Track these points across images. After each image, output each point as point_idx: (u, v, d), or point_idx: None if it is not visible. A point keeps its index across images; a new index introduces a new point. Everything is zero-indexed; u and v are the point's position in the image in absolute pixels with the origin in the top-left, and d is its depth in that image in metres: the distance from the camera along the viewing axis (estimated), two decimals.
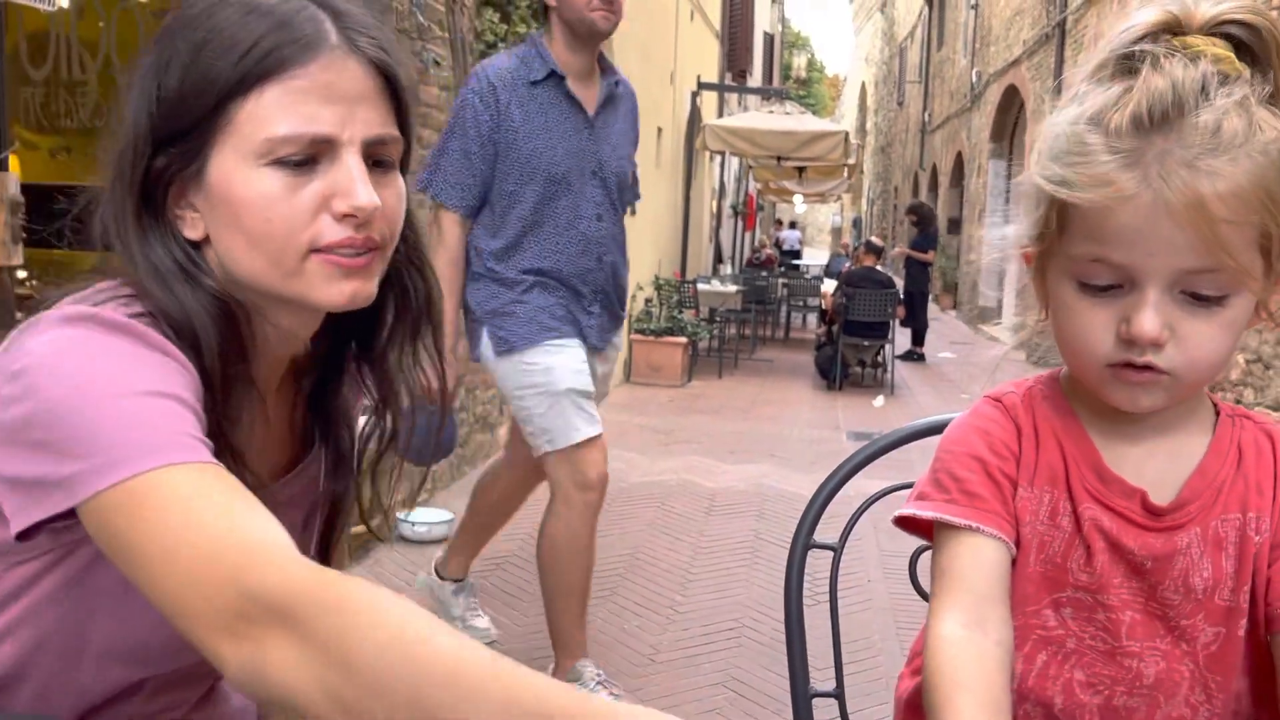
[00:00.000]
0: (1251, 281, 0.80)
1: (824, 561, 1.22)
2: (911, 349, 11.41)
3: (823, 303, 10.72)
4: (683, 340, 8.79)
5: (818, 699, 1.17)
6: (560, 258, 2.62)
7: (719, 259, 16.36)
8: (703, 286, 10.52)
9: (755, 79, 20.30)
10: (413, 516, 3.96)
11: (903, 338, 10.78)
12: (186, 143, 0.84)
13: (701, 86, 12.87)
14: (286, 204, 0.83)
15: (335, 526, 1.07)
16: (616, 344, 2.84)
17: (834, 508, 1.18)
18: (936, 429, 1.07)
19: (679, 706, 2.77)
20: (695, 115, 12.59)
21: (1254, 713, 0.91)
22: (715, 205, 15.96)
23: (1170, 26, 0.81)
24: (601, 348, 2.75)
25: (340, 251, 0.85)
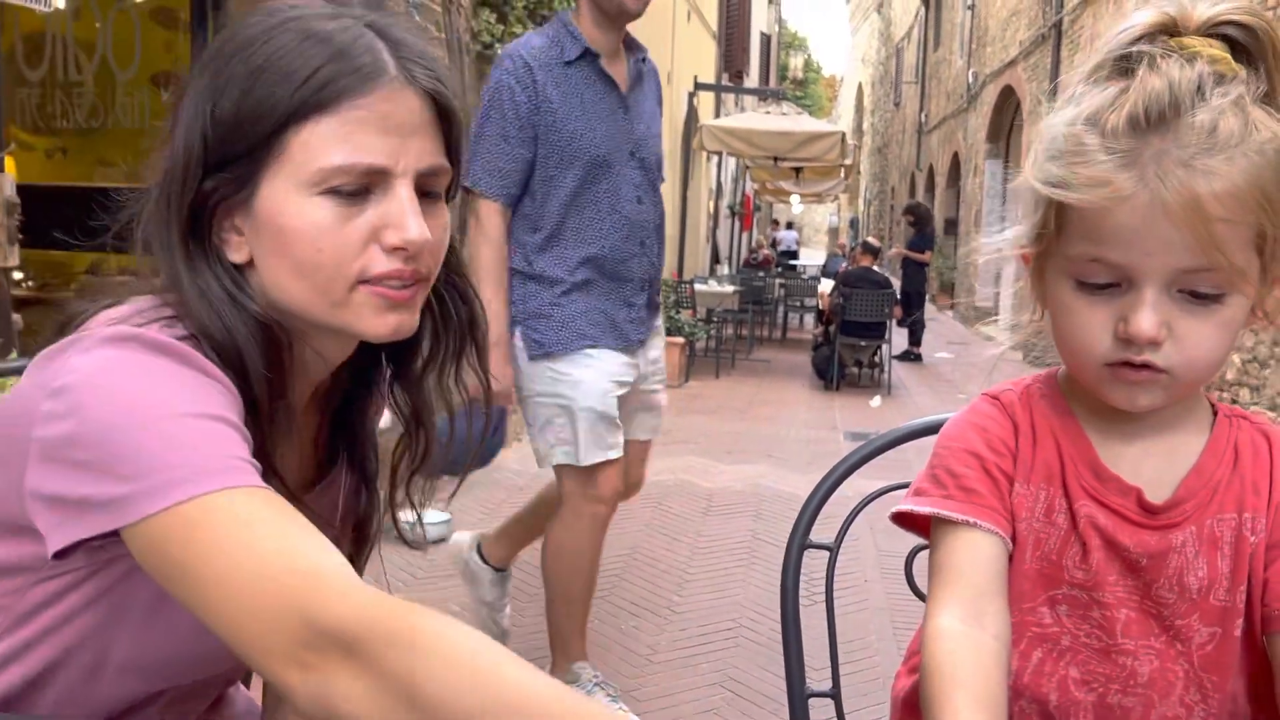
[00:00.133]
0: (1246, 283, 0.80)
1: (821, 561, 1.22)
2: (908, 349, 11.42)
3: (820, 303, 10.71)
4: (680, 340, 8.79)
5: (814, 699, 1.17)
6: (604, 243, 2.50)
7: (716, 259, 16.37)
8: (700, 287, 10.52)
9: (752, 79, 20.31)
10: (409, 517, 3.94)
11: (899, 338, 10.78)
12: (238, 168, 0.83)
13: (698, 87, 12.89)
14: (337, 234, 0.83)
15: (363, 547, 1.06)
16: (658, 327, 2.74)
17: (831, 508, 1.18)
18: (933, 429, 1.08)
19: (676, 706, 2.77)
20: (692, 115, 12.60)
21: (1251, 714, 0.92)
22: (712, 205, 15.97)
23: (1167, 27, 0.81)
24: (644, 340, 2.65)
25: (388, 283, 0.85)
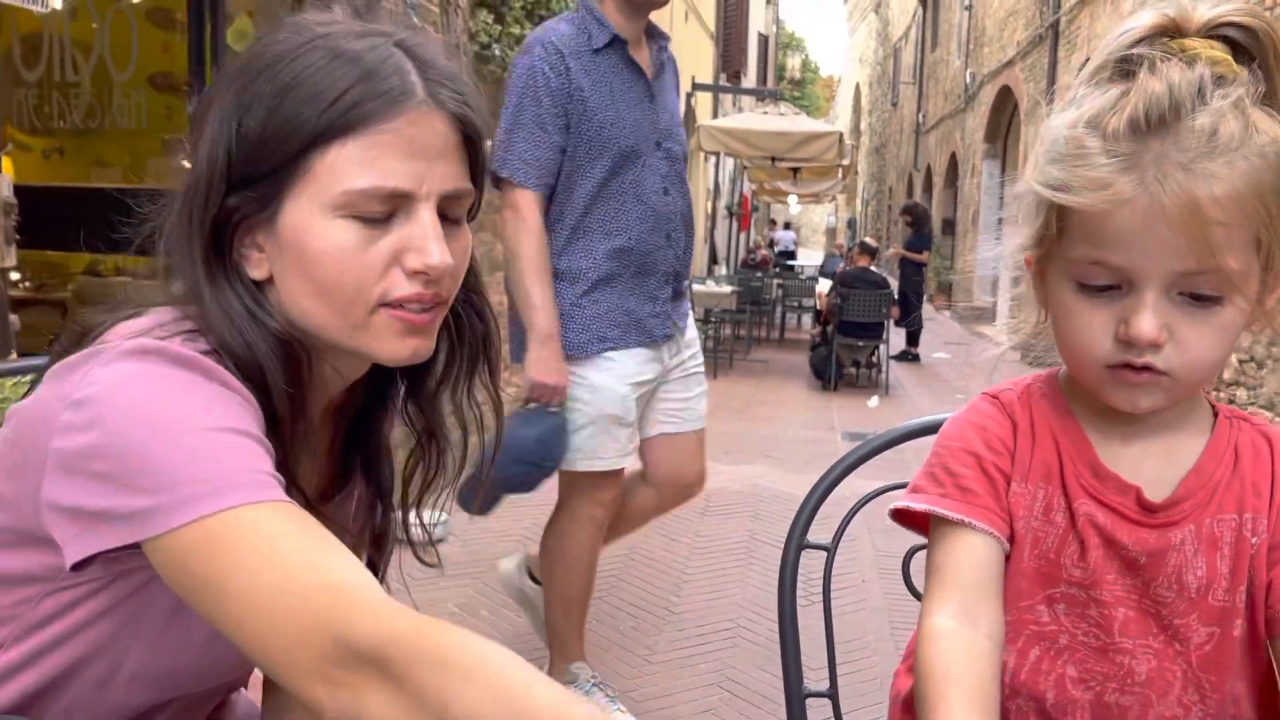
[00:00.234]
0: (1246, 285, 0.80)
1: (818, 561, 1.22)
2: (906, 349, 11.42)
3: (817, 303, 10.72)
4: None
5: (812, 699, 1.17)
6: (629, 235, 2.43)
7: (714, 260, 16.38)
8: (698, 287, 10.52)
9: (750, 80, 20.32)
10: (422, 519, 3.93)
11: (897, 338, 10.79)
12: (262, 187, 0.83)
13: (696, 87, 12.89)
14: (360, 257, 0.83)
15: (380, 560, 1.06)
16: (685, 311, 2.65)
17: (828, 508, 1.18)
18: (931, 429, 1.08)
19: (674, 707, 2.77)
20: (690, 116, 12.61)
21: (1250, 715, 0.92)
22: (710, 206, 15.98)
23: (1167, 29, 0.81)
24: (670, 334, 2.57)
25: (408, 306, 0.85)
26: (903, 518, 0.95)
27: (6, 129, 5.15)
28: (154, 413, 0.73)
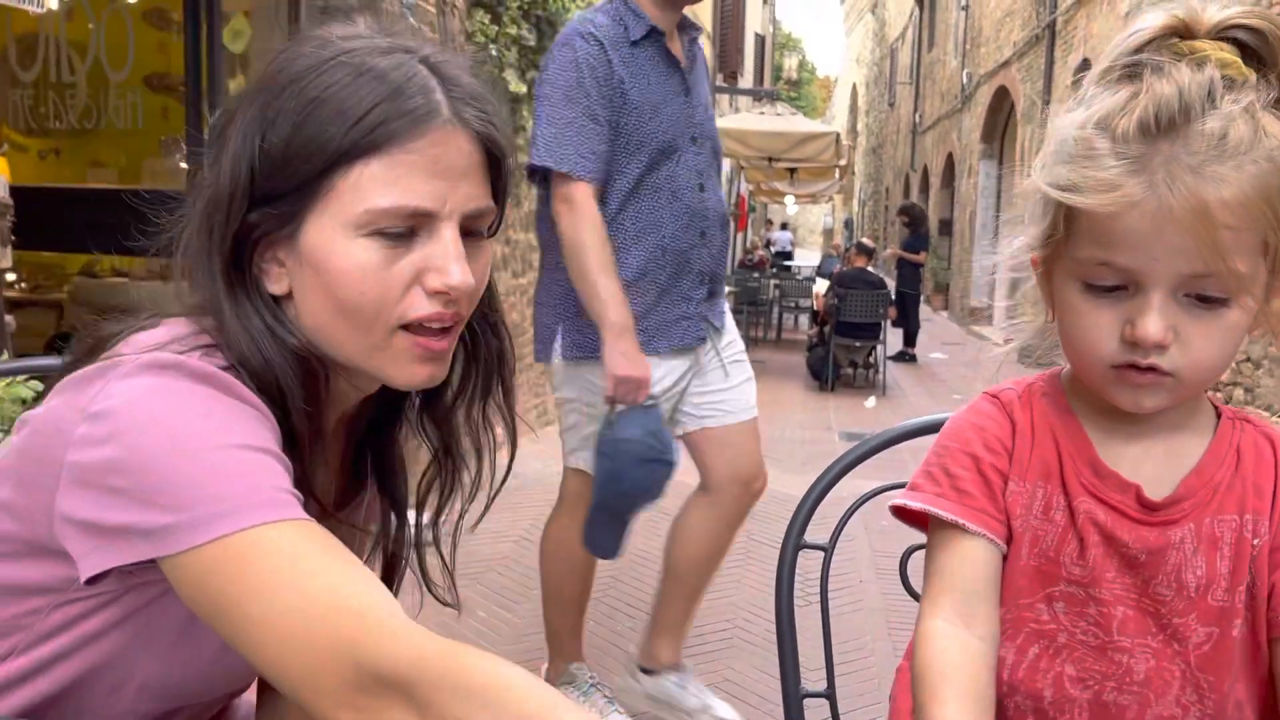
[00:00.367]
0: (1252, 287, 0.81)
1: (816, 562, 1.22)
2: (903, 350, 11.44)
3: (814, 304, 10.73)
4: None
5: (809, 699, 1.18)
6: (663, 234, 2.35)
7: None
8: None
9: (746, 80, 20.33)
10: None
11: (894, 338, 10.79)
12: (284, 204, 0.82)
13: None
14: (382, 276, 0.82)
15: (393, 575, 1.06)
16: (722, 310, 2.57)
17: (826, 508, 1.18)
18: (928, 429, 1.08)
19: None
20: None
21: (1249, 717, 0.92)
22: None
23: (1177, 31, 0.82)
24: (704, 338, 2.47)
25: (429, 325, 0.84)
26: (902, 514, 0.95)
27: (2, 130, 5.15)
28: (173, 428, 0.73)
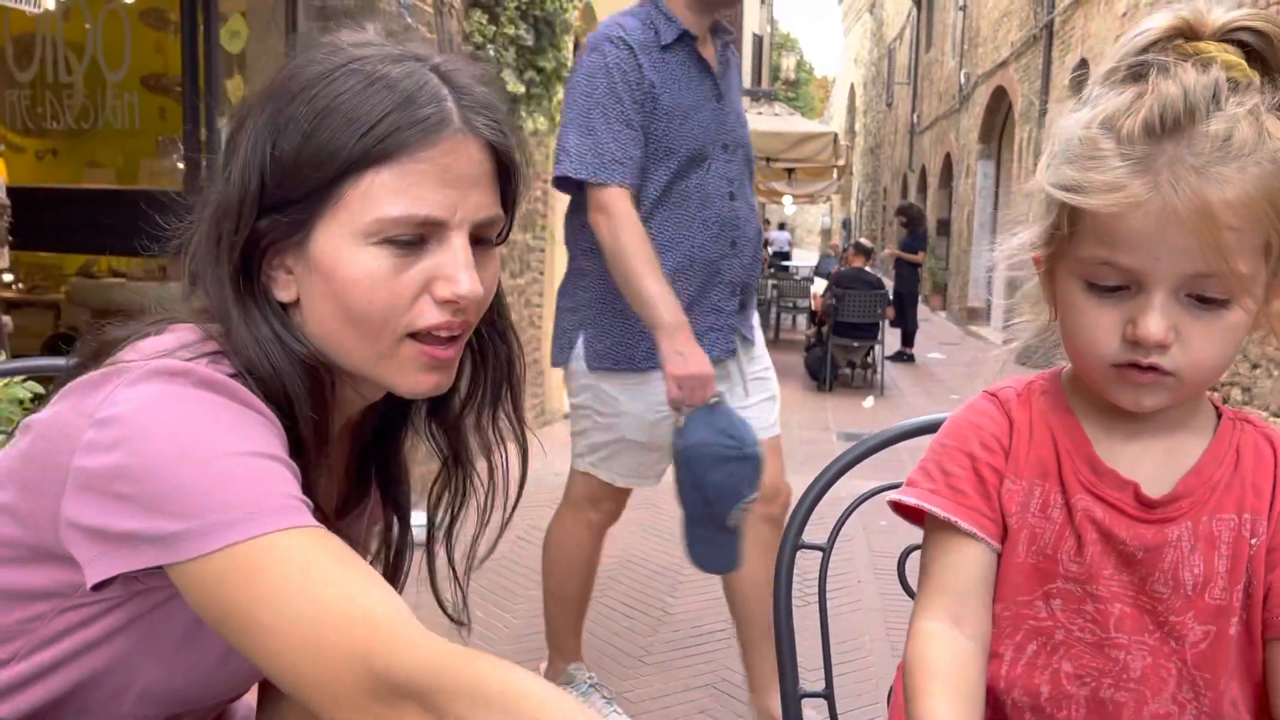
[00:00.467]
0: (1253, 288, 0.81)
1: (814, 562, 1.22)
2: (901, 350, 11.44)
3: (812, 304, 10.73)
4: None
5: (807, 699, 1.18)
6: (692, 243, 2.30)
7: None
8: None
9: (744, 80, 20.34)
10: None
11: (892, 338, 10.80)
12: (294, 211, 0.82)
13: None
14: (390, 284, 0.82)
15: (396, 580, 1.06)
16: (753, 323, 2.52)
17: (824, 508, 1.19)
18: (926, 429, 1.08)
19: (669, 708, 2.77)
20: None
21: (1245, 715, 0.92)
22: None
23: (1182, 32, 0.82)
24: (733, 350, 2.41)
25: (437, 334, 0.84)
26: (898, 509, 0.96)
27: None
28: (181, 435, 0.72)
